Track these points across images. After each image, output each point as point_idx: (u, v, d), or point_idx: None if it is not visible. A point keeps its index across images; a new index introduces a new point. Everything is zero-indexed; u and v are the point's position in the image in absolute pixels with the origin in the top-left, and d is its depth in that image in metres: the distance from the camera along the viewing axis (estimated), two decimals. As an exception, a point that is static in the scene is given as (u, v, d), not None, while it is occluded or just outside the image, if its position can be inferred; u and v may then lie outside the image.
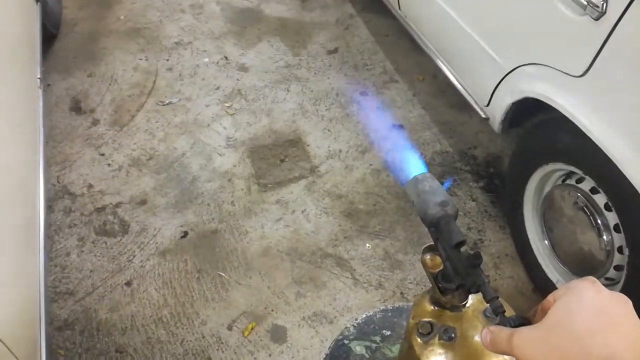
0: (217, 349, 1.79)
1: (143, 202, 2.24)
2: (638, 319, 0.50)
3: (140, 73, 2.85)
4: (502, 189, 2.26)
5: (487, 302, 0.62)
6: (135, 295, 1.92)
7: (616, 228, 1.52)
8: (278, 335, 1.84)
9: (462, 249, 0.67)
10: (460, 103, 2.55)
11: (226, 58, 2.96)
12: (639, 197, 1.32)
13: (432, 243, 0.72)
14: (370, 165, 2.39)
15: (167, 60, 2.95)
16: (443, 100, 2.69)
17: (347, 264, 2.03)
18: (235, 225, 2.16)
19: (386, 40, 3.07)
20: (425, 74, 2.83)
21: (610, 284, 1.62)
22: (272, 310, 1.90)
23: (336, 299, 1.93)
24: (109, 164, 2.38)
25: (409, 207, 2.20)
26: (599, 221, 1.55)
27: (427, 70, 2.81)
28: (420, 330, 0.69)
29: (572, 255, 1.72)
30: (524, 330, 0.52)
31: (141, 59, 2.94)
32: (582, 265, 1.68)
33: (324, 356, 0.93)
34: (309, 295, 1.94)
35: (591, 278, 0.53)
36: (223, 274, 2.00)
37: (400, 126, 2.57)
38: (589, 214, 1.57)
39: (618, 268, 1.56)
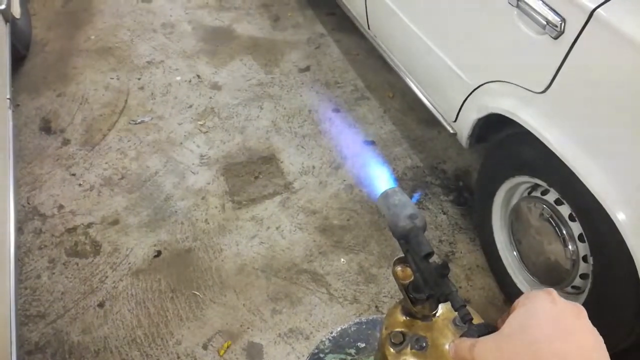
0: (193, 369, 1.77)
1: (115, 222, 2.21)
2: (592, 328, 0.52)
3: (112, 92, 2.84)
4: (471, 202, 2.32)
5: (456, 311, 0.65)
6: (108, 316, 1.89)
7: (580, 238, 1.58)
8: (254, 353, 1.84)
9: (431, 260, 0.70)
10: (429, 119, 2.61)
11: (199, 76, 2.97)
12: (601, 208, 1.38)
13: (403, 255, 0.75)
14: (344, 181, 2.42)
15: (139, 79, 2.94)
16: (413, 116, 2.76)
17: (323, 279, 2.05)
18: (209, 244, 2.16)
19: (356, 59, 3.13)
20: (395, 92, 2.89)
21: (576, 292, 1.68)
22: (248, 328, 1.90)
23: (312, 314, 1.94)
24: (80, 184, 2.35)
25: (382, 221, 2.23)
26: (564, 231, 1.61)
27: (397, 87, 2.88)
28: (392, 340, 0.71)
29: (539, 265, 1.77)
30: (484, 340, 0.54)
31: (112, 78, 2.92)
32: (549, 275, 1.73)
33: (300, 370, 0.94)
34: (285, 312, 1.95)
35: (549, 289, 0.56)
36: (198, 293, 1.99)
37: (372, 142, 2.62)
38: (554, 224, 1.63)
39: (583, 276, 1.62)
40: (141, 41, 3.21)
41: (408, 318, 0.74)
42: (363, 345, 0.96)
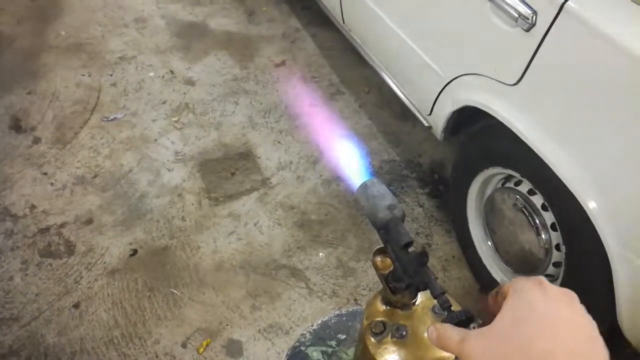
0: (172, 367, 1.76)
1: (89, 221, 2.17)
2: (584, 315, 0.53)
3: (83, 89, 2.78)
4: (446, 194, 2.35)
5: (435, 298, 0.66)
6: (84, 317, 1.86)
7: (553, 227, 1.61)
8: (234, 349, 1.83)
9: (410, 249, 0.70)
10: (405, 113, 2.63)
11: (172, 72, 2.94)
12: (572, 197, 1.41)
13: (382, 246, 0.76)
14: (321, 175, 2.43)
15: (111, 75, 2.89)
16: (389, 111, 2.77)
17: (302, 274, 2.05)
18: (186, 241, 2.14)
19: (332, 54, 3.13)
20: (370, 86, 2.90)
21: (550, 280, 1.72)
22: (227, 325, 1.89)
23: (291, 309, 1.94)
24: (52, 183, 2.30)
25: (359, 215, 2.25)
26: (537, 221, 1.64)
27: (373, 82, 2.89)
28: (373, 330, 0.72)
29: (514, 254, 1.80)
30: (474, 337, 0.53)
31: (84, 75, 2.86)
32: (523, 264, 1.77)
33: (282, 363, 0.94)
34: (264, 308, 1.94)
35: (539, 278, 0.55)
36: (175, 291, 1.97)
37: (349, 137, 2.63)
38: (527, 214, 1.66)
39: (556, 265, 1.66)
40: (113, 37, 3.15)
41: (388, 307, 0.74)
42: (344, 337, 0.97)
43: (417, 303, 0.74)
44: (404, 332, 0.71)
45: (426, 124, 2.05)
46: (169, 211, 2.24)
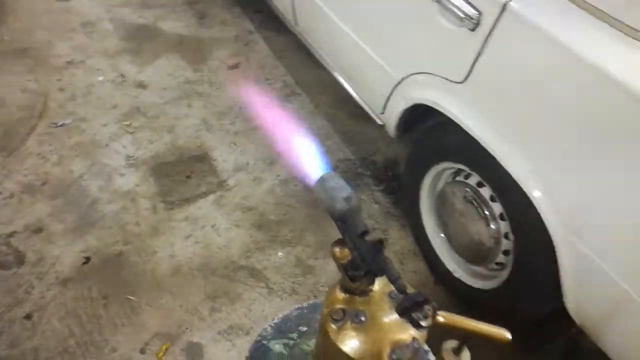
0: (131, 374, 1.73)
1: (39, 230, 2.10)
2: None
3: (30, 95, 2.69)
4: (400, 191, 2.40)
5: (392, 283, 0.69)
6: (36, 328, 1.80)
7: (501, 217, 1.69)
8: (194, 352, 1.81)
9: (367, 238, 0.73)
10: (359, 113, 2.67)
11: (122, 76, 2.88)
12: (518, 187, 1.48)
13: (341, 237, 0.78)
14: (278, 176, 2.44)
15: (59, 80, 2.81)
16: (343, 111, 2.81)
17: (261, 274, 2.05)
18: (141, 247, 2.10)
19: (285, 55, 3.15)
20: (325, 87, 2.94)
21: (500, 268, 1.79)
22: (187, 329, 1.87)
23: (251, 309, 1.94)
24: (-3, 192, 2.22)
25: (317, 213, 2.27)
26: (486, 212, 1.72)
27: (327, 83, 2.92)
28: (333, 317, 0.74)
29: (466, 245, 1.87)
30: None
31: (30, 80, 2.77)
32: (475, 254, 1.84)
33: (245, 358, 0.95)
34: (224, 309, 1.94)
35: None
36: (132, 298, 1.93)
37: (304, 137, 2.64)
38: (477, 206, 1.73)
39: (506, 253, 1.73)
40: (60, 41, 3.06)
41: (347, 295, 0.77)
42: (305, 329, 0.99)
43: (374, 290, 0.77)
44: (363, 318, 0.74)
45: (379, 122, 2.10)
46: (122, 217, 2.20)
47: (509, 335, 0.61)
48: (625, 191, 1.26)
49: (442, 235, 2.00)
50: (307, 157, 0.94)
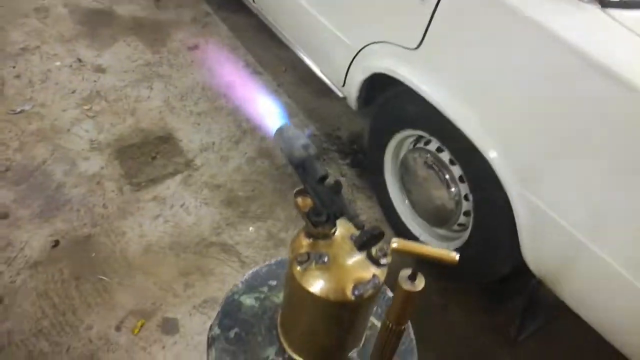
0: (107, 350, 1.74)
1: (4, 216, 2.08)
2: None
3: (-17, 82, 2.62)
4: (365, 163, 2.46)
5: (350, 220, 0.74)
6: (8, 311, 1.79)
7: (461, 179, 1.76)
8: (169, 327, 1.84)
9: (325, 182, 0.78)
10: (322, 89, 2.71)
11: (80, 60, 2.83)
12: (475, 149, 1.55)
13: (302, 187, 0.83)
14: (245, 154, 2.46)
15: (14, 67, 2.74)
16: (306, 88, 2.85)
17: (233, 249, 2.09)
18: (110, 228, 2.10)
19: (245, 35, 3.15)
20: (287, 65, 2.96)
21: (462, 229, 1.88)
22: (161, 305, 1.89)
23: (225, 283, 1.98)
24: (-43, 181, 2.17)
25: (286, 188, 2.31)
26: (446, 175, 1.79)
27: (288, 61, 2.95)
28: (298, 260, 0.79)
29: (429, 209, 1.95)
30: None
31: (-18, 67, 2.70)
32: (438, 217, 1.92)
33: (216, 314, 0.99)
34: (198, 285, 1.97)
35: None
36: (104, 278, 1.94)
37: (269, 115, 2.67)
38: (437, 170, 1.80)
39: (466, 214, 1.81)
40: (12, 27, 2.98)
41: (311, 240, 0.82)
42: (275, 282, 1.03)
43: (336, 233, 0.82)
44: (326, 259, 0.79)
45: (341, 95, 2.15)
46: (89, 200, 2.19)
47: (456, 256, 0.66)
48: (573, 145, 1.34)
49: (407, 202, 2.07)
50: (266, 112, 0.99)
